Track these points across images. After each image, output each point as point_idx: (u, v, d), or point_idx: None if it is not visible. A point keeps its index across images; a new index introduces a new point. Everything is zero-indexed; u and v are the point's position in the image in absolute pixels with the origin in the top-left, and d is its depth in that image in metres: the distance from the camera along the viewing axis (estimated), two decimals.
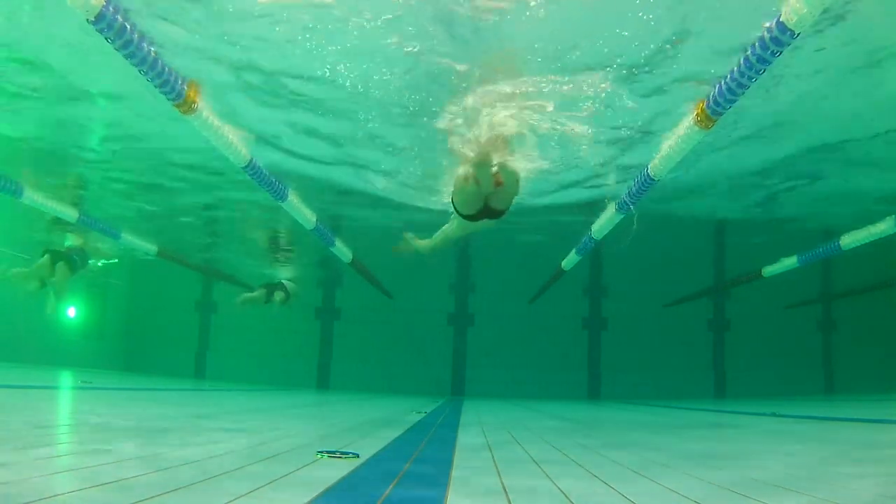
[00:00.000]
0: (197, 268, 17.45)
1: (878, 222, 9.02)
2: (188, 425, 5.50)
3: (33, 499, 2.29)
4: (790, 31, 4.04)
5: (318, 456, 3.79)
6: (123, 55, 4.78)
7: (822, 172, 10.04)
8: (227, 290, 19.06)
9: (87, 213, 11.55)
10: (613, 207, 8.55)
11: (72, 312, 18.74)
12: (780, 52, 4.31)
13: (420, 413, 8.59)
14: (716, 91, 5.06)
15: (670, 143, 6.16)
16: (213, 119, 6.13)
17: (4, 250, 14.96)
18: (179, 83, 5.39)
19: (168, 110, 5.95)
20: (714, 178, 10.24)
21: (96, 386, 10.92)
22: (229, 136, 6.54)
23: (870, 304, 16.04)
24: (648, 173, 6.83)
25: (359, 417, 7.71)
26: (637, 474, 3.55)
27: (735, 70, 4.71)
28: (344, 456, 3.82)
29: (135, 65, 4.91)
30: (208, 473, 3.04)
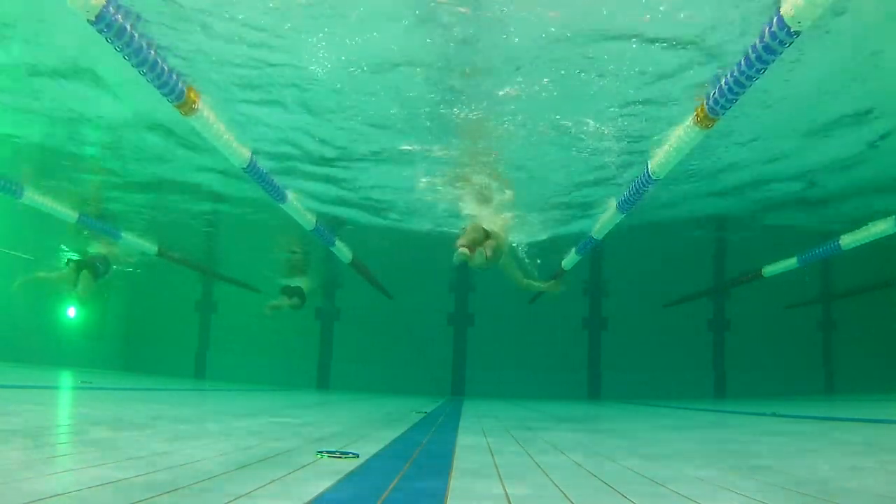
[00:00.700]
0: (197, 268, 17.45)
1: (879, 222, 9.03)
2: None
3: (34, 498, 2.29)
4: (790, 30, 4.03)
5: (319, 456, 3.79)
6: (123, 56, 4.77)
7: None
8: (227, 290, 19.07)
9: (86, 213, 11.55)
10: (614, 207, 8.55)
11: (72, 312, 18.75)
12: (781, 52, 4.29)
13: (420, 413, 8.58)
14: (716, 91, 5.04)
15: (670, 143, 6.15)
16: (213, 120, 6.13)
17: (13, 252, 15.11)
18: (180, 84, 5.38)
19: None
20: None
21: (96, 386, 10.92)
22: (229, 137, 6.54)
23: (870, 304, 16.03)
24: (649, 173, 6.82)
25: (359, 417, 7.71)
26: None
27: (735, 70, 4.69)
28: (344, 456, 3.82)
29: (135, 65, 4.91)
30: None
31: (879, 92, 6.97)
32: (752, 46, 4.39)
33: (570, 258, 12.25)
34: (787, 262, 11.60)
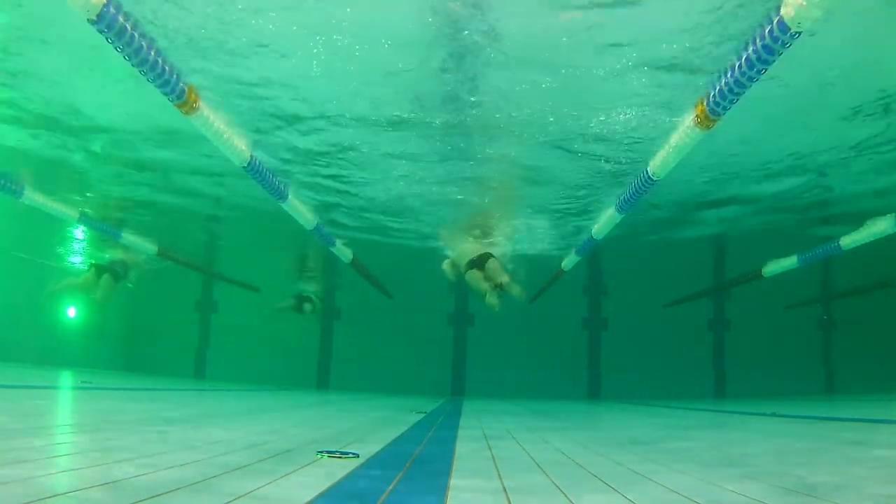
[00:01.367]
0: (197, 268, 17.43)
1: (879, 222, 9.02)
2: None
3: (35, 498, 2.29)
4: (790, 30, 4.02)
5: (319, 456, 3.79)
6: (124, 55, 4.76)
7: None
8: (227, 289, 19.05)
9: (86, 213, 11.54)
10: (614, 207, 8.55)
11: (72, 312, 18.73)
12: (781, 52, 4.29)
13: (420, 413, 8.58)
14: (715, 91, 5.02)
15: (670, 144, 6.15)
16: (213, 119, 6.13)
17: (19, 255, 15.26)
18: (180, 84, 5.38)
19: None
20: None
21: (96, 386, 10.92)
22: (230, 136, 6.53)
23: (870, 304, 16.02)
24: (648, 173, 6.82)
25: (359, 418, 7.70)
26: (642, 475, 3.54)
27: (735, 70, 4.67)
28: (344, 456, 3.82)
29: (135, 65, 4.90)
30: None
31: None
32: (752, 47, 4.38)
33: (570, 258, 12.25)
34: (787, 261, 11.59)
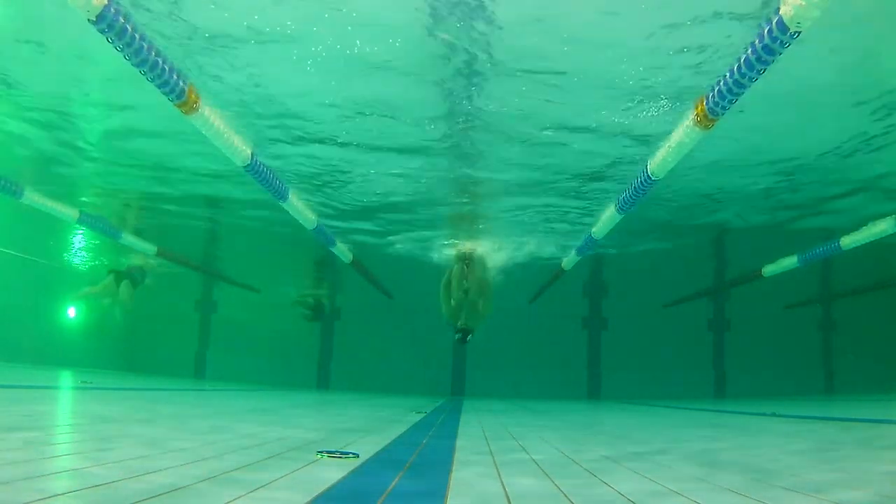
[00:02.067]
0: (197, 268, 17.45)
1: (879, 222, 9.01)
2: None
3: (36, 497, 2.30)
4: (790, 30, 4.02)
5: (318, 456, 3.79)
6: (124, 56, 4.76)
7: None
8: (227, 289, 19.06)
9: (87, 213, 11.53)
10: (614, 207, 8.54)
11: (72, 312, 18.73)
12: (781, 52, 4.28)
13: (420, 413, 8.59)
14: (715, 91, 5.01)
15: (670, 144, 6.14)
16: (214, 119, 6.13)
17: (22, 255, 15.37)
18: (181, 84, 5.38)
19: None
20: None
21: (97, 386, 10.92)
22: (230, 136, 6.53)
23: (870, 304, 16.02)
24: (648, 173, 6.81)
25: (359, 418, 7.71)
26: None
27: (735, 69, 4.66)
28: (344, 456, 3.82)
29: (135, 65, 4.90)
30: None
31: None
32: (751, 47, 4.37)
33: (570, 258, 12.25)
34: (787, 261, 11.58)
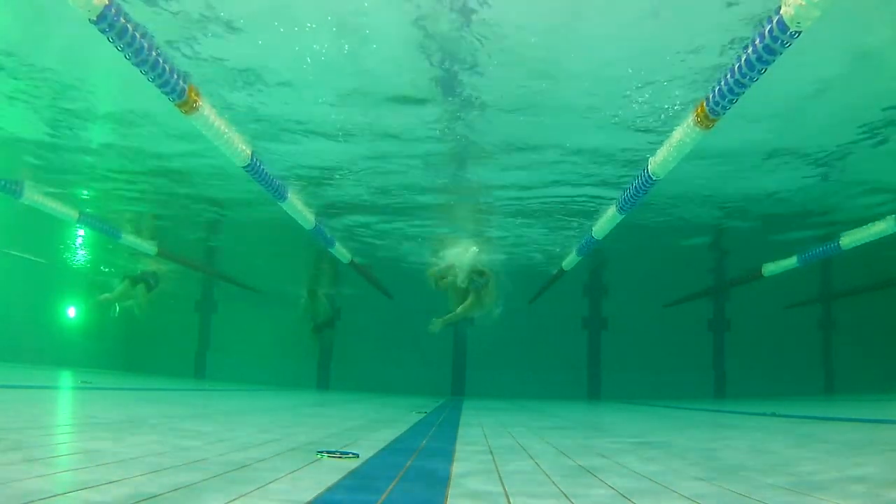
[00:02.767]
0: (197, 267, 17.45)
1: (878, 222, 9.02)
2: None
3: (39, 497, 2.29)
4: (790, 30, 4.01)
5: (319, 456, 3.79)
6: (125, 55, 4.76)
7: None
8: (227, 289, 19.05)
9: (87, 213, 11.54)
10: (614, 207, 8.55)
11: (72, 312, 18.73)
12: (782, 52, 4.28)
13: (420, 413, 8.59)
14: (715, 91, 5.02)
15: (670, 144, 6.14)
16: (214, 118, 6.13)
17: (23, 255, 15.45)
18: (181, 83, 5.38)
19: None
20: None
21: (97, 386, 10.92)
22: (230, 136, 6.53)
23: (870, 304, 16.02)
24: (648, 173, 6.81)
25: (359, 418, 7.71)
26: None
27: (735, 69, 4.66)
28: (344, 456, 3.82)
29: (136, 65, 4.90)
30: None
31: None
32: (752, 47, 4.36)
33: (571, 258, 12.25)
34: (787, 261, 11.58)
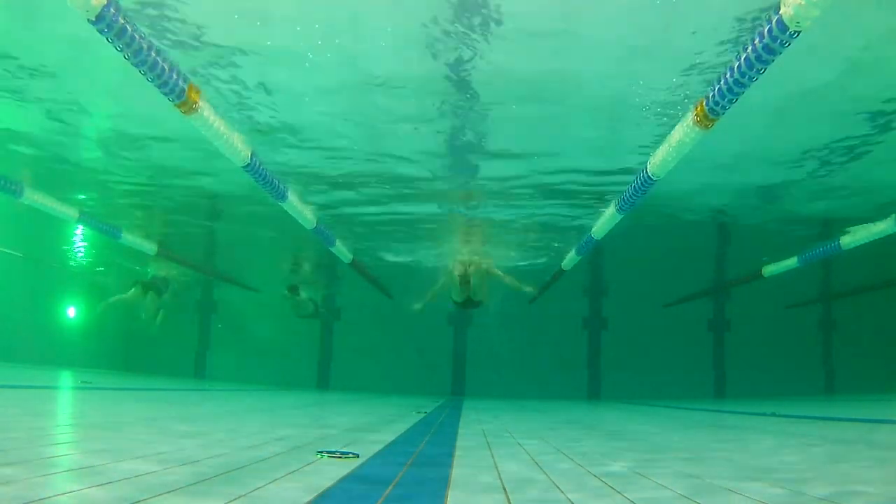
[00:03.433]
0: (196, 267, 17.45)
1: (878, 222, 9.01)
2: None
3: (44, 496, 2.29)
4: (789, 29, 4.01)
5: (319, 456, 3.79)
6: (124, 56, 4.76)
7: None
8: (227, 289, 19.05)
9: (87, 213, 11.53)
10: (614, 207, 8.54)
11: (72, 312, 18.73)
12: (781, 51, 4.27)
13: (420, 413, 8.59)
14: (715, 91, 5.01)
15: (669, 143, 6.13)
16: (213, 118, 6.12)
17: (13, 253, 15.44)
18: (181, 83, 5.37)
19: None
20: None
21: (97, 386, 10.92)
22: (230, 136, 6.52)
23: (870, 304, 16.02)
24: (648, 173, 6.80)
25: (359, 417, 7.71)
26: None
27: (734, 69, 4.65)
28: (344, 456, 3.82)
29: (135, 65, 4.90)
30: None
31: None
32: (751, 46, 4.36)
33: (570, 258, 12.24)
34: (787, 262, 11.58)
